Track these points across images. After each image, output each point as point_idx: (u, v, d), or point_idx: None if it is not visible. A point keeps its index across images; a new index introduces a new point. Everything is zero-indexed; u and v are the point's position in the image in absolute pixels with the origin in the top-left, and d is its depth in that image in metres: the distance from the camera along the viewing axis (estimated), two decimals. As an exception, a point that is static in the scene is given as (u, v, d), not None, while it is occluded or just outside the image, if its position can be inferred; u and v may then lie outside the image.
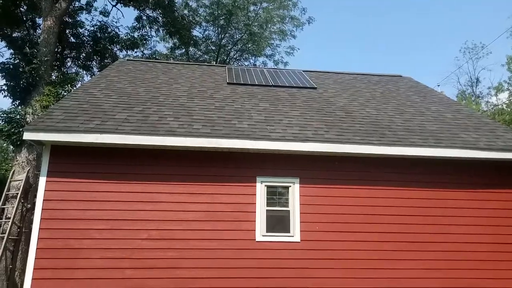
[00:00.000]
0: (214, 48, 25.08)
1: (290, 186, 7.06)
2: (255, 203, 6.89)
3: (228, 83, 10.12)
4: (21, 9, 15.46)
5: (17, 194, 9.82)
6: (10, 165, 16.27)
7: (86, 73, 17.87)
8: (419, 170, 7.40)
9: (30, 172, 10.59)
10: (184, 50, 23.40)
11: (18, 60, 12.25)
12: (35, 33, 15.77)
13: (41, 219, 6.40)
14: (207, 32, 24.84)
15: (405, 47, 53.98)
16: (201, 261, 6.55)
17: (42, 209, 6.44)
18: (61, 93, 12.00)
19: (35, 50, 12.42)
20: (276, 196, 7.09)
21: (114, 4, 18.27)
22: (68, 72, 16.43)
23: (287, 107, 8.67)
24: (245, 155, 7.04)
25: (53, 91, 11.84)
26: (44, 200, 6.48)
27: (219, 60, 24.27)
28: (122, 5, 18.21)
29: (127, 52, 18.26)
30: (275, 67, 24.39)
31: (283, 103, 8.89)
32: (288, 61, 27.06)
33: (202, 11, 23.87)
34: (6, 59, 12.54)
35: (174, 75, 10.65)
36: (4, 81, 12.10)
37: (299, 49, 26.69)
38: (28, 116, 11.13)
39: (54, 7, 13.14)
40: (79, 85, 13.61)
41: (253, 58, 26.11)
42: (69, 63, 17.52)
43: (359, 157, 7.21)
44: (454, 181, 7.40)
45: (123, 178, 6.74)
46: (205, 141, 6.76)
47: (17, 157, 11.07)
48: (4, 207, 9.95)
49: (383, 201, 7.16)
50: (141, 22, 18.85)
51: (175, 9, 19.19)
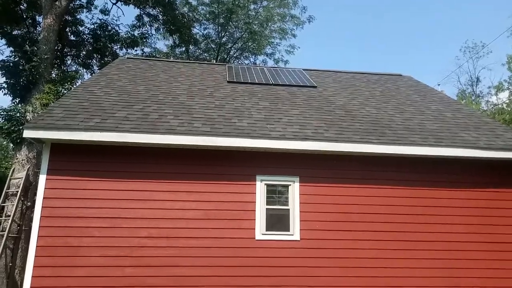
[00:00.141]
0: (214, 46, 25.06)
1: (290, 185, 7.07)
2: (255, 202, 6.89)
3: (228, 82, 10.11)
4: (21, 6, 15.45)
5: (17, 192, 9.82)
6: (10, 163, 16.27)
7: (86, 71, 17.90)
8: (419, 169, 7.40)
9: (30, 170, 10.59)
10: (184, 48, 23.39)
11: (18, 58, 12.24)
12: (35, 31, 15.75)
13: (41, 217, 6.41)
14: (207, 31, 24.85)
15: (405, 46, 54.02)
16: (200, 259, 6.55)
17: (42, 207, 6.44)
18: (61, 91, 12.02)
19: (35, 48, 12.42)
20: (276, 194, 7.09)
21: (115, 2, 18.26)
22: (68, 70, 16.46)
23: (287, 105, 8.67)
24: (245, 154, 7.04)
25: (53, 89, 11.84)
26: (44, 198, 6.48)
27: (219, 58, 24.25)
28: (123, 3, 18.20)
29: (127, 50, 18.26)
30: (275, 65, 24.36)
31: (283, 102, 8.89)
32: (288, 59, 27.11)
33: (202, 9, 23.84)
34: (6, 57, 12.55)
35: (174, 73, 10.64)
36: (4, 79, 12.13)
37: (299, 48, 26.77)
38: (28, 114, 11.14)
39: (54, 5, 13.14)
40: (79, 83, 13.61)
41: (253, 56, 26.12)
42: (69, 61, 17.54)
43: (359, 156, 7.21)
44: (454, 180, 7.40)
45: (123, 176, 6.74)
46: (205, 139, 6.76)
47: (17, 155, 11.08)
48: (4, 205, 9.96)
49: (383, 200, 7.16)
50: (141, 21, 18.85)
51: (175, 7, 19.17)
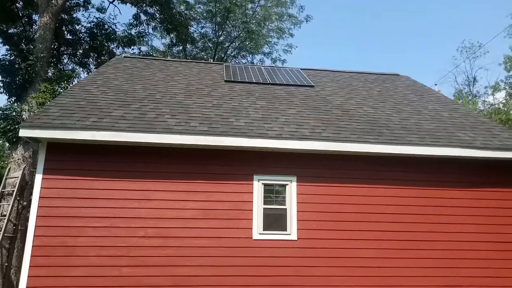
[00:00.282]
0: (211, 45, 25.01)
1: (287, 184, 7.06)
2: (252, 201, 6.88)
3: (225, 81, 10.10)
4: (17, 5, 15.38)
5: (13, 191, 9.77)
6: (6, 162, 16.17)
7: (82, 70, 17.82)
8: (416, 169, 7.41)
9: (26, 169, 10.54)
10: (181, 47, 23.33)
11: (14, 57, 12.19)
12: (31, 30, 15.68)
13: (37, 216, 6.37)
14: (204, 29, 24.79)
15: (402, 45, 54.07)
16: (197, 259, 6.54)
17: (38, 206, 6.41)
18: (58, 90, 11.96)
19: (31, 47, 12.36)
20: (273, 194, 7.08)
21: (111, 0, 18.19)
22: (65, 69, 16.39)
23: (285, 105, 8.66)
24: (242, 153, 7.03)
25: (49, 88, 11.79)
26: (40, 198, 6.45)
27: (216, 57, 24.20)
28: (120, 1, 18.13)
29: (124, 49, 18.19)
30: (273, 65, 24.33)
31: (280, 101, 8.88)
32: (285, 59, 26.99)
33: (199, 7, 23.77)
34: (2, 55, 12.49)
35: (172, 72, 10.61)
36: (0, 78, 12.05)
37: (297, 47, 26.63)
38: (24, 113, 11.08)
39: (50, 3, 13.07)
40: (75, 82, 13.55)
41: (250, 55, 26.06)
42: (65, 60, 17.45)
43: (356, 155, 7.21)
44: (451, 180, 7.42)
45: (119, 175, 6.71)
46: (202, 139, 6.75)
47: (13, 154, 11.02)
48: (-1, 204, 9.91)
49: (380, 200, 7.17)
50: (138, 19, 18.79)
51: (173, 5, 19.12)
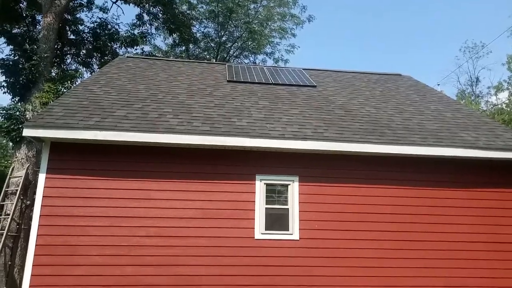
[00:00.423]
0: (214, 45, 25.04)
1: (289, 184, 7.07)
2: (254, 201, 6.89)
3: (228, 81, 10.11)
4: (21, 5, 15.44)
5: (16, 190, 9.81)
6: (10, 161, 16.26)
7: (86, 70, 17.84)
8: (418, 169, 7.40)
9: (30, 169, 10.59)
10: (184, 47, 23.36)
11: (17, 57, 12.23)
12: (35, 30, 15.74)
13: (40, 215, 6.41)
14: (207, 29, 24.82)
15: (404, 45, 54.01)
16: (199, 258, 6.56)
17: (42, 205, 6.44)
18: (61, 90, 11.99)
19: (35, 47, 12.40)
20: (275, 194, 7.09)
21: (115, 1, 18.23)
22: (68, 69, 16.43)
23: (287, 105, 8.67)
24: (244, 153, 7.04)
25: (52, 88, 11.82)
26: (43, 197, 6.48)
27: (219, 57, 24.23)
28: (123, 2, 18.16)
29: (127, 49, 18.23)
30: (275, 65, 24.34)
31: (282, 101, 8.89)
32: (288, 59, 26.94)
33: (201, 7, 23.81)
34: (6, 55, 12.57)
35: (174, 72, 10.64)
36: (3, 78, 12.10)
37: (299, 47, 26.69)
38: (28, 112, 11.12)
39: (54, 3, 13.11)
40: (78, 82, 13.60)
41: (253, 55, 26.08)
42: (69, 60, 17.50)
43: (358, 155, 7.21)
44: (453, 180, 7.41)
45: (122, 175, 6.74)
46: (205, 138, 6.76)
47: (17, 153, 11.07)
48: (3, 203, 9.95)
49: (382, 200, 7.17)
50: (141, 19, 18.82)
51: (175, 6, 19.14)
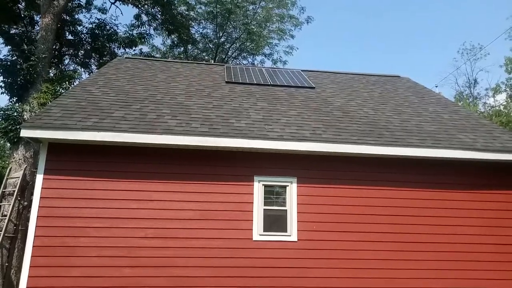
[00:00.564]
0: (212, 46, 25.03)
1: (288, 186, 7.07)
2: (253, 202, 6.88)
3: (226, 82, 10.11)
4: (19, 5, 15.43)
5: (13, 191, 9.78)
6: (7, 162, 16.21)
7: (84, 71, 17.85)
8: (416, 171, 7.41)
9: (27, 170, 10.56)
10: (182, 48, 23.36)
11: (16, 57, 12.21)
12: (33, 30, 15.74)
13: (37, 216, 6.38)
14: (205, 30, 24.81)
15: (404, 45, 54.09)
16: (198, 260, 6.55)
17: (39, 206, 6.42)
18: (59, 90, 11.97)
19: (33, 47, 12.39)
20: (274, 195, 7.09)
21: (113, 1, 18.22)
22: (66, 70, 16.43)
23: (285, 106, 8.67)
24: (243, 154, 7.04)
25: (50, 89, 11.80)
26: (41, 198, 6.46)
27: (217, 58, 24.23)
28: (121, 2, 18.17)
29: (125, 50, 18.22)
30: (274, 66, 24.36)
31: (281, 103, 8.89)
32: (286, 60, 26.93)
33: (199, 8, 23.80)
34: (4, 55, 12.53)
35: (173, 73, 10.63)
36: (1, 78, 12.07)
37: (297, 49, 26.69)
38: (26, 113, 11.09)
39: (52, 4, 13.11)
40: (77, 82, 13.58)
41: (251, 57, 26.09)
42: (67, 61, 17.50)
43: (356, 157, 7.21)
44: (451, 182, 7.42)
45: (120, 176, 6.72)
46: (203, 139, 6.76)
47: (14, 154, 11.05)
48: (0, 204, 9.92)
49: (380, 201, 7.17)
50: (140, 20, 18.82)
51: (174, 7, 19.15)
